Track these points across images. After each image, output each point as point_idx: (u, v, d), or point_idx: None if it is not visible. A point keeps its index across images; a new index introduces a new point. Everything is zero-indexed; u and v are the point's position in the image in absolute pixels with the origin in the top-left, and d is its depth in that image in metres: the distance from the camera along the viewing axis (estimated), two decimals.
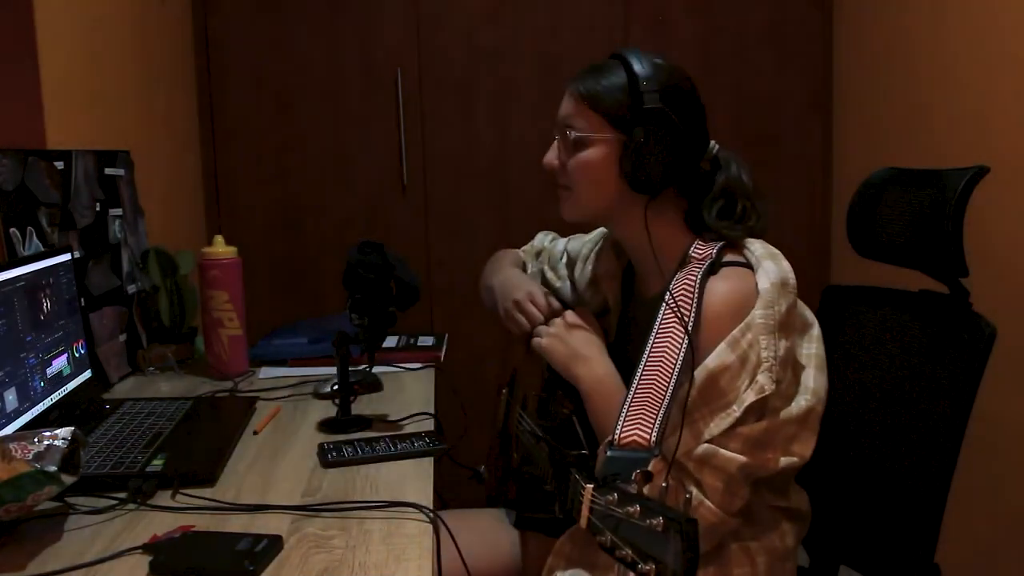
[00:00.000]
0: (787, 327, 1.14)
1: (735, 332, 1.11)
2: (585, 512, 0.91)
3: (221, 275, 1.78)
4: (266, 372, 1.87)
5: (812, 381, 1.18)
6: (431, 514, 1.12)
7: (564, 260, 1.54)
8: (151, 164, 2.22)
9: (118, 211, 1.96)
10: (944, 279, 1.30)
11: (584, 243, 1.49)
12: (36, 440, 1.04)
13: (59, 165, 1.72)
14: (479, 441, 1.73)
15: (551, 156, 1.29)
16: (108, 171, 1.93)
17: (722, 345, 1.11)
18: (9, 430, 1.27)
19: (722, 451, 1.10)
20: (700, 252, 1.20)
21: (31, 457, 1.02)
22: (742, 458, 1.10)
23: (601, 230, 1.46)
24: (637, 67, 1.20)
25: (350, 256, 1.48)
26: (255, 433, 1.47)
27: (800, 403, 1.15)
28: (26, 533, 1.09)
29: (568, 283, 1.51)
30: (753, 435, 1.11)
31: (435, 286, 2.86)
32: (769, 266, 1.16)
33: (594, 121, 1.22)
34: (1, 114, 1.59)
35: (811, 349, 1.22)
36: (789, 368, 1.15)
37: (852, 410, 1.45)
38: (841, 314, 1.51)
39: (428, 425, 1.50)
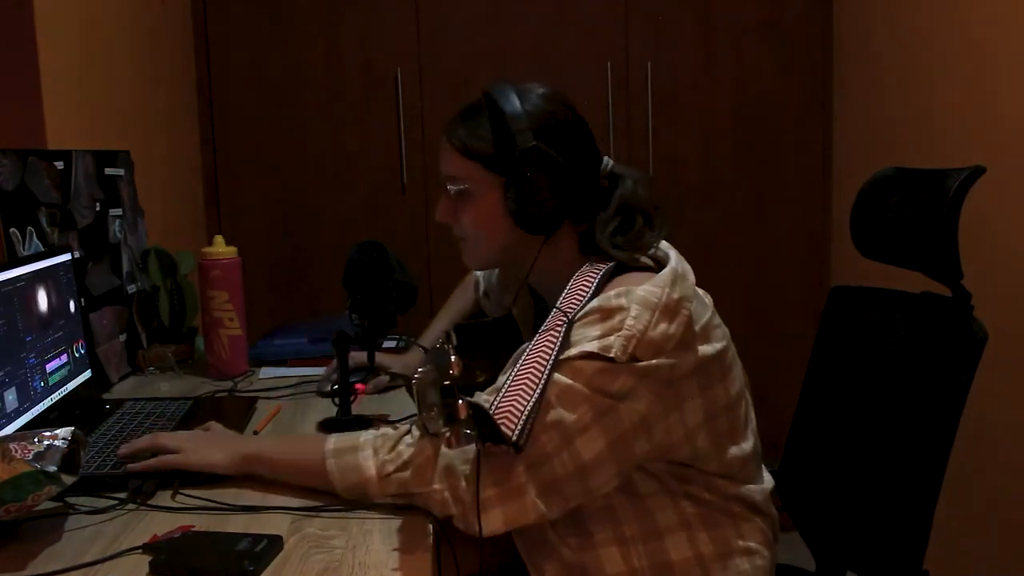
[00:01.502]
0: (672, 314, 1.07)
1: (610, 294, 1.08)
2: (416, 403, 1.00)
3: (221, 275, 1.78)
4: (266, 372, 1.87)
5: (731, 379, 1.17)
6: (431, 515, 1.12)
7: (483, 292, 1.67)
8: (151, 164, 2.22)
9: (118, 211, 1.96)
10: (945, 281, 1.30)
11: (495, 277, 1.55)
12: (36, 440, 1.04)
13: (59, 165, 1.72)
14: None
15: (440, 211, 1.27)
16: (108, 171, 1.93)
17: (594, 302, 1.09)
18: (9, 430, 1.27)
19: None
20: (586, 277, 1.16)
21: (31, 457, 1.02)
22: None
23: None
24: (506, 105, 1.17)
25: (350, 256, 1.48)
26: (255, 433, 1.47)
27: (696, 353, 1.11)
28: (26, 533, 1.08)
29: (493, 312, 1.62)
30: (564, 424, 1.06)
31: (435, 286, 2.85)
32: (675, 256, 1.16)
33: (471, 169, 1.20)
34: (1, 114, 1.59)
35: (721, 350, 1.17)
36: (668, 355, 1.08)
37: (851, 411, 1.45)
38: (845, 315, 1.51)
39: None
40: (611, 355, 1.04)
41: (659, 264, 1.18)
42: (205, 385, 1.78)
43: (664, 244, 1.21)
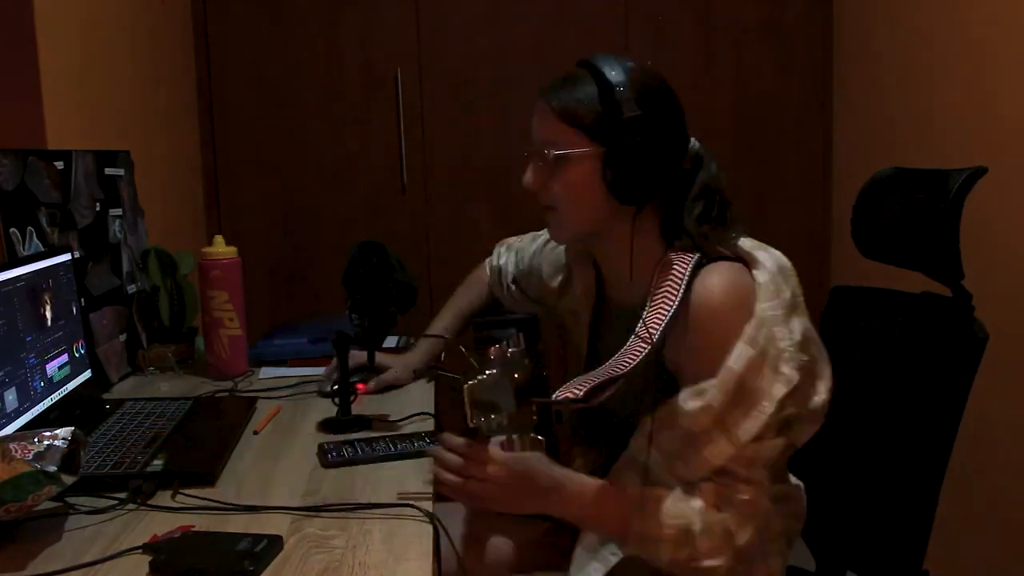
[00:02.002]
0: (797, 308, 1.14)
1: (749, 329, 1.10)
2: (467, 410, 0.99)
3: (221, 275, 1.78)
4: (266, 372, 1.87)
5: (825, 367, 1.19)
6: (431, 514, 1.12)
7: (511, 281, 1.61)
8: (151, 164, 2.22)
9: (118, 211, 1.96)
10: (945, 281, 1.30)
11: (548, 259, 1.49)
12: (36, 440, 1.04)
13: (59, 165, 1.72)
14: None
15: (530, 177, 1.23)
16: (108, 171, 1.93)
17: (740, 344, 1.09)
18: (9, 430, 1.27)
19: (765, 442, 1.11)
20: (680, 257, 1.17)
21: (31, 457, 1.02)
22: (782, 440, 1.12)
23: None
24: (610, 74, 1.16)
25: (350, 256, 1.48)
26: (255, 433, 1.47)
27: (822, 395, 1.16)
28: (26, 533, 1.08)
29: (521, 302, 1.58)
30: (783, 418, 1.12)
31: (435, 286, 2.86)
32: (763, 256, 1.16)
33: (572, 136, 1.18)
34: (1, 114, 1.59)
35: (813, 333, 1.22)
36: (811, 345, 1.15)
37: (851, 411, 1.45)
38: (845, 315, 1.51)
39: (428, 425, 1.50)
40: (795, 383, 1.11)
41: (741, 260, 1.18)
42: (205, 385, 1.78)
43: (748, 243, 1.20)
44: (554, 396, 1.04)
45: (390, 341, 1.99)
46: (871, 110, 2.70)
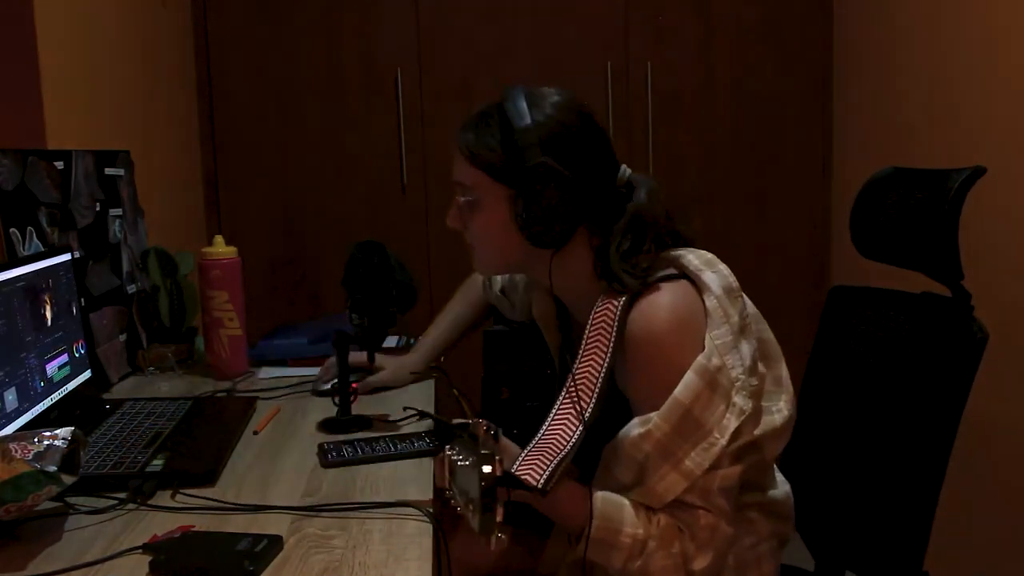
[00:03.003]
0: (745, 330, 1.12)
1: (700, 359, 1.07)
2: (445, 474, 0.99)
3: (221, 275, 1.78)
4: (266, 372, 1.87)
5: (785, 376, 1.19)
6: (431, 514, 1.12)
7: (500, 289, 1.58)
8: (151, 164, 2.22)
9: (118, 211, 1.96)
10: (945, 281, 1.30)
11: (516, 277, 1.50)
12: (36, 440, 1.04)
13: (59, 165, 1.72)
14: None
15: (452, 219, 1.24)
16: (108, 171, 1.93)
17: (689, 374, 1.07)
18: (9, 430, 1.27)
19: (719, 472, 1.09)
20: (606, 314, 1.14)
21: (31, 457, 1.02)
22: (738, 468, 1.10)
23: None
24: (515, 116, 1.13)
25: (350, 256, 1.48)
26: (255, 433, 1.47)
27: (783, 411, 1.16)
28: (26, 533, 1.09)
29: (511, 311, 1.56)
30: (738, 447, 1.10)
31: (435, 286, 2.85)
32: (710, 277, 1.13)
33: (479, 178, 1.17)
34: (1, 114, 1.59)
35: (768, 335, 1.21)
36: (759, 365, 1.14)
37: (851, 411, 1.45)
38: (845, 315, 1.51)
39: (428, 425, 1.50)
40: (748, 413, 1.10)
41: (679, 267, 1.15)
42: (205, 385, 1.78)
43: (690, 255, 1.17)
44: (516, 468, 1.04)
45: (390, 341, 1.99)
46: (871, 110, 2.70)
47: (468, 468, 0.92)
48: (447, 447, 1.00)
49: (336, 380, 1.53)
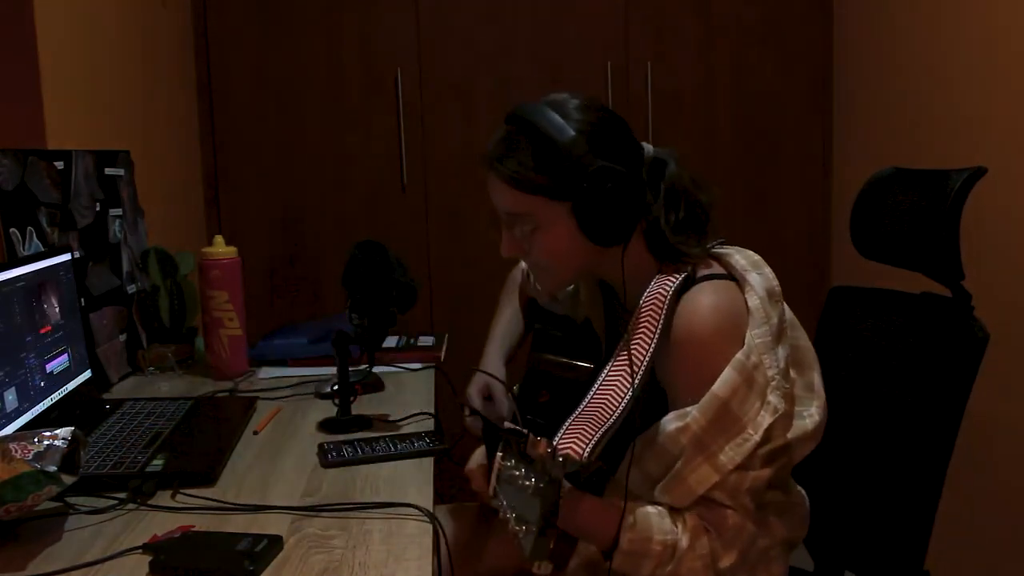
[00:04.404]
0: (782, 335, 1.14)
1: (739, 356, 1.09)
2: (492, 480, 0.95)
3: (221, 275, 1.78)
4: (266, 372, 1.87)
5: (818, 383, 1.19)
6: (431, 514, 1.12)
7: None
8: (151, 164, 2.22)
9: (118, 211, 1.96)
10: (945, 281, 1.30)
11: None
12: (36, 440, 1.04)
13: (59, 165, 1.72)
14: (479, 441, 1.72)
15: (509, 248, 1.22)
16: (108, 171, 1.93)
17: (727, 370, 1.08)
18: (9, 430, 1.27)
19: (750, 473, 1.09)
20: (664, 279, 1.15)
21: (31, 457, 1.02)
22: (768, 471, 1.11)
23: None
24: (552, 130, 1.11)
25: (350, 256, 1.48)
26: (255, 433, 1.47)
27: (814, 416, 1.16)
28: (26, 533, 1.09)
29: (551, 303, 1.52)
30: (771, 450, 1.11)
31: (435, 286, 2.86)
32: (755, 279, 1.14)
33: (533, 203, 1.14)
34: (1, 114, 1.59)
35: (804, 342, 1.22)
36: (792, 370, 1.15)
37: (850, 412, 1.45)
38: (844, 315, 1.51)
39: (428, 425, 1.50)
40: (781, 412, 1.11)
41: (725, 266, 1.17)
42: (205, 385, 1.78)
43: (738, 255, 1.19)
44: (557, 443, 1.02)
45: (390, 341, 1.99)
46: (871, 110, 2.70)
47: (528, 489, 0.90)
48: (499, 453, 0.98)
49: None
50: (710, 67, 2.89)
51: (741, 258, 1.18)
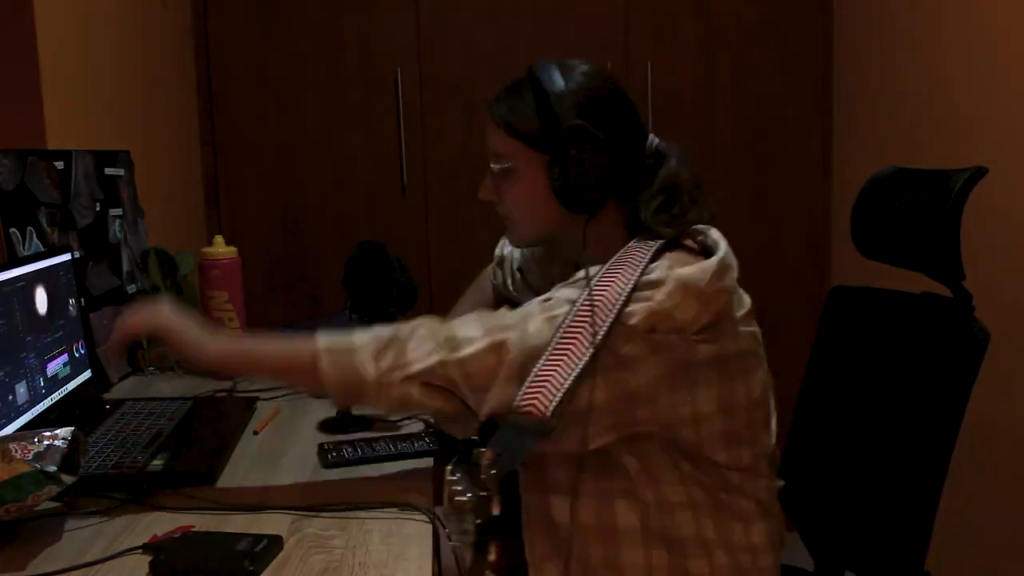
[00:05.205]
0: (705, 301, 1.09)
1: (653, 266, 1.09)
2: (445, 497, 0.97)
3: (221, 275, 1.78)
4: None
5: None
6: (431, 514, 1.12)
7: (517, 268, 1.56)
8: (151, 164, 2.22)
9: (118, 211, 1.96)
10: (945, 281, 1.30)
11: (535, 253, 1.48)
12: (36, 440, 1.04)
13: (59, 165, 1.72)
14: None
15: (486, 191, 1.26)
16: (108, 171, 1.93)
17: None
18: (9, 430, 1.27)
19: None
20: (637, 251, 1.14)
21: (31, 457, 1.02)
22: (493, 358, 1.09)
23: None
24: (549, 84, 1.16)
25: (350, 256, 1.48)
26: (255, 433, 1.47)
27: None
28: (26, 533, 1.09)
29: (524, 292, 1.52)
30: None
31: (435, 286, 2.86)
32: (725, 246, 1.14)
33: (515, 147, 1.19)
34: (1, 114, 1.59)
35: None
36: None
37: (850, 412, 1.45)
38: (844, 315, 1.51)
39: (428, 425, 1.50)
40: (631, 323, 1.05)
41: (707, 251, 1.16)
42: (205, 385, 1.78)
43: (715, 234, 1.18)
44: (519, 403, 1.02)
45: None
46: (871, 110, 2.70)
47: (466, 504, 0.91)
48: (448, 468, 0.99)
49: None
50: (710, 67, 2.89)
51: (716, 233, 1.18)
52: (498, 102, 1.22)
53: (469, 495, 0.90)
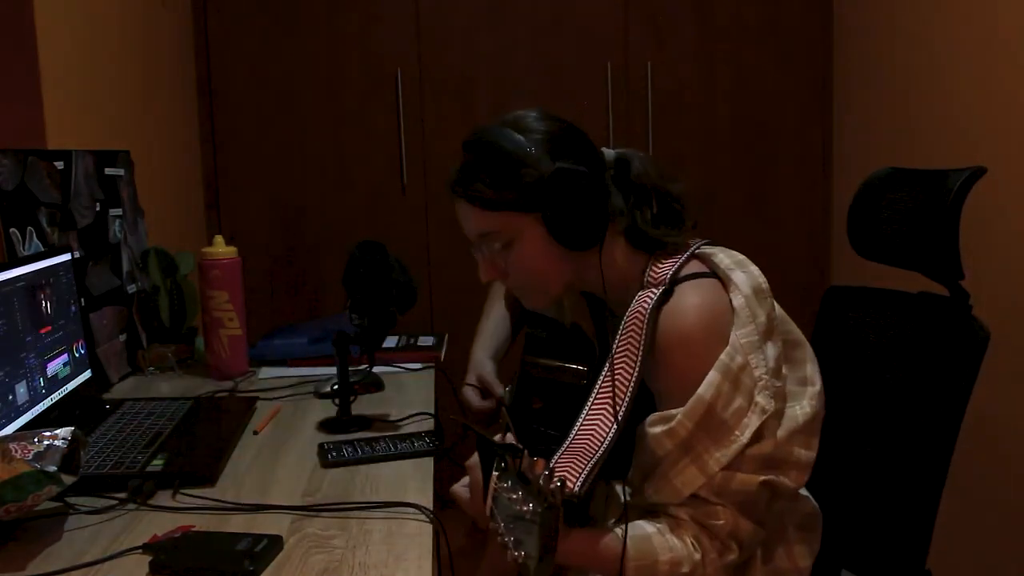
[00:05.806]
0: (771, 332, 1.13)
1: (723, 357, 1.08)
2: (488, 501, 0.94)
3: (221, 275, 1.78)
4: (266, 372, 1.87)
5: (811, 373, 1.18)
6: (431, 514, 1.12)
7: None
8: (151, 164, 2.23)
9: (118, 211, 1.96)
10: (943, 281, 1.30)
11: None
12: (36, 440, 1.04)
13: (59, 165, 1.72)
14: None
15: (486, 272, 1.23)
16: (108, 171, 1.93)
17: (712, 372, 1.07)
18: (9, 430, 1.27)
19: (739, 474, 1.08)
20: (655, 275, 1.15)
21: (31, 457, 1.02)
22: (759, 477, 1.09)
23: None
24: (508, 143, 1.13)
25: (350, 256, 1.48)
26: (255, 433, 1.47)
27: (805, 408, 1.14)
28: (26, 533, 1.09)
29: None
30: (764, 453, 1.09)
31: (435, 286, 2.86)
32: (740, 277, 1.13)
33: (503, 219, 1.16)
34: (1, 114, 1.59)
35: (797, 335, 1.21)
36: (783, 368, 1.14)
37: (850, 412, 1.45)
38: (842, 315, 1.51)
39: (428, 425, 1.50)
40: (769, 412, 1.09)
41: (710, 266, 1.16)
42: (205, 385, 1.78)
43: (722, 254, 1.18)
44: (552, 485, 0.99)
45: (390, 341, 1.99)
46: (871, 110, 2.70)
47: (526, 515, 0.89)
48: (495, 473, 0.97)
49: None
50: (710, 67, 2.89)
51: (725, 257, 1.17)
52: (464, 183, 1.17)
53: (531, 505, 0.88)
